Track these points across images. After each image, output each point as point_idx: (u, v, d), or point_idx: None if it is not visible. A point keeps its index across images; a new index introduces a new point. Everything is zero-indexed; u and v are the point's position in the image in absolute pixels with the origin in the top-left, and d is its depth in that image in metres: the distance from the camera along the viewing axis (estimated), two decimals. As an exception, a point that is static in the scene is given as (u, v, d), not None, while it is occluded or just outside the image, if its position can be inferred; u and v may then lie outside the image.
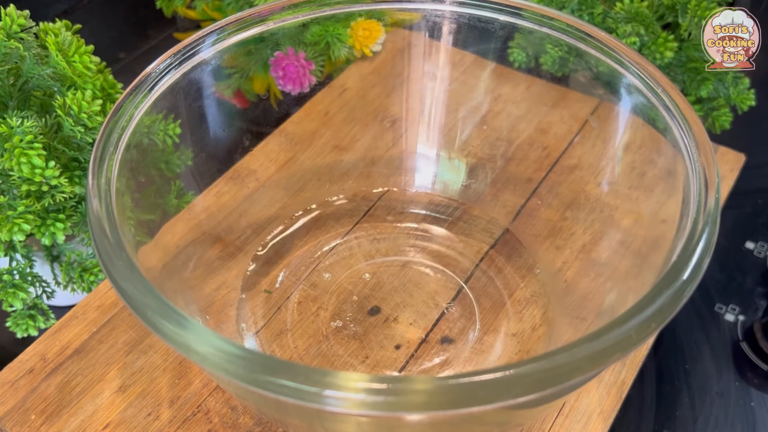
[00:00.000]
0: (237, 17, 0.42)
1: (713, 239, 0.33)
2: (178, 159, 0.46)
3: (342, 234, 0.50)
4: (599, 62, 0.42)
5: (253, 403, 0.38)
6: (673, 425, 0.48)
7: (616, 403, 0.42)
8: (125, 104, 0.38)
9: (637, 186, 0.44)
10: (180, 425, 0.41)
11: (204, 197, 0.48)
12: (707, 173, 0.35)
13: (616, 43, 0.41)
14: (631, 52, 0.41)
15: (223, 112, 0.46)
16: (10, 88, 0.46)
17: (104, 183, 0.35)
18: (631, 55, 0.41)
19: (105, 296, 0.46)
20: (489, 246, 0.50)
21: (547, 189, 0.50)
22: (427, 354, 0.44)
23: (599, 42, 0.42)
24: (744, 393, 0.49)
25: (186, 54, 0.41)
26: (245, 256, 0.48)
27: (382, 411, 0.27)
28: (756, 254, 0.57)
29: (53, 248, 0.50)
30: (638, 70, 0.40)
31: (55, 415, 0.41)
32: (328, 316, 0.46)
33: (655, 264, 0.36)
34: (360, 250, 0.49)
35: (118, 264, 0.32)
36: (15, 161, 0.42)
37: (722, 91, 0.59)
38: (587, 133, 0.49)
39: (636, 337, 0.29)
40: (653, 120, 0.40)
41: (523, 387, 0.27)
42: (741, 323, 0.53)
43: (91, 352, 0.44)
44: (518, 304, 0.46)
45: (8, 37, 0.44)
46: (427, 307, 0.46)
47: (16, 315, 0.47)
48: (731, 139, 0.58)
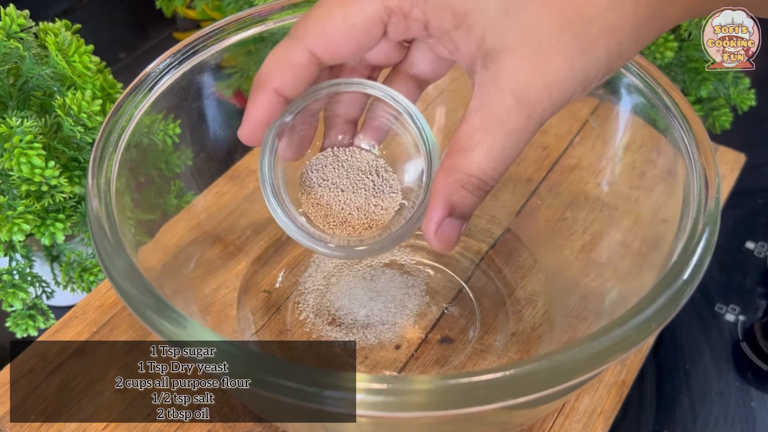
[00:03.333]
0: (237, 17, 0.42)
1: (713, 239, 0.33)
2: (178, 159, 0.46)
3: (342, 234, 0.50)
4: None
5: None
6: (673, 425, 0.48)
7: (616, 403, 0.42)
8: (125, 104, 0.38)
9: (637, 186, 0.44)
10: (180, 425, 0.41)
11: (204, 197, 0.48)
12: (707, 173, 0.35)
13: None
14: (631, 52, 0.41)
15: (223, 112, 0.46)
16: (10, 88, 0.46)
17: (104, 183, 0.35)
18: (631, 55, 0.41)
19: (105, 296, 0.46)
20: (489, 246, 0.50)
21: (547, 189, 0.50)
22: (427, 354, 0.44)
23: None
24: (744, 393, 0.49)
25: (186, 54, 0.41)
26: (245, 256, 0.48)
27: (382, 411, 0.27)
28: (756, 254, 0.57)
29: (53, 248, 0.50)
30: (638, 69, 0.40)
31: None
32: (328, 317, 0.46)
33: (655, 264, 0.36)
34: (360, 250, 0.49)
35: (118, 264, 0.32)
36: (15, 161, 0.42)
37: (722, 91, 0.59)
38: (587, 133, 0.49)
39: (636, 337, 0.29)
40: (653, 120, 0.40)
41: (523, 387, 0.27)
42: (741, 323, 0.53)
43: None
44: (518, 303, 0.46)
45: (8, 36, 0.44)
46: (427, 307, 0.46)
47: (15, 315, 0.47)
48: (731, 139, 0.58)
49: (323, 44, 0.29)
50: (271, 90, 0.31)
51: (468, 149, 0.28)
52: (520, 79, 0.27)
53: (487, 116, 0.27)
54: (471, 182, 0.28)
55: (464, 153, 0.28)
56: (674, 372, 0.50)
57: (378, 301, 0.46)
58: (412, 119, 0.34)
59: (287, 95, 0.31)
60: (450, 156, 0.29)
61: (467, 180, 0.28)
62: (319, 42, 0.29)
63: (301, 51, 0.30)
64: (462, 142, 0.28)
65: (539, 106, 0.27)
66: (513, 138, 0.28)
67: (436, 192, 0.29)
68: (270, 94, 0.31)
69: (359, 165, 0.37)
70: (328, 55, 0.30)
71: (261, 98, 0.31)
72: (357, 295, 0.46)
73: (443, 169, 0.29)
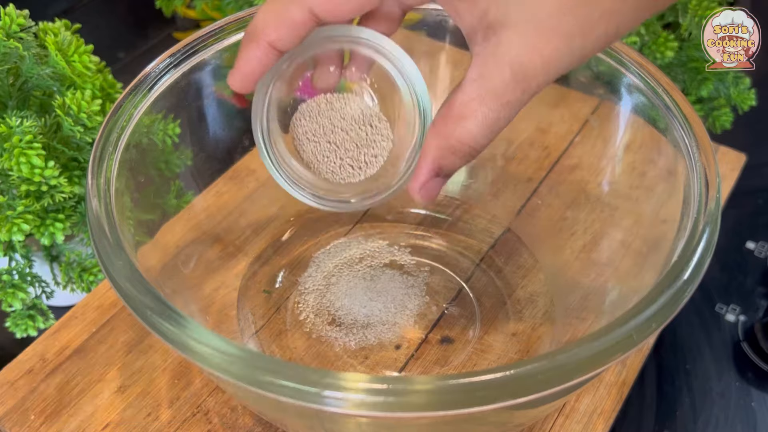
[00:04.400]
0: (237, 17, 0.42)
1: (714, 239, 0.33)
2: (178, 159, 0.46)
3: (342, 234, 0.50)
4: (600, 62, 0.42)
5: (253, 403, 0.38)
6: (673, 425, 0.48)
7: (616, 403, 0.42)
8: (125, 104, 0.38)
9: (637, 186, 0.44)
10: (179, 425, 0.41)
11: (204, 197, 0.48)
12: (708, 173, 0.35)
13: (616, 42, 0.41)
14: (631, 51, 0.41)
15: (223, 112, 0.46)
16: (10, 88, 0.46)
17: (103, 183, 0.35)
18: (631, 55, 0.41)
19: (104, 296, 0.46)
20: (489, 246, 0.50)
21: (547, 189, 0.50)
22: (427, 354, 0.44)
23: (599, 41, 0.42)
24: (744, 393, 0.49)
25: (185, 54, 0.41)
26: (245, 256, 0.48)
27: (382, 411, 0.27)
28: (756, 254, 0.57)
29: (52, 248, 0.50)
30: (639, 69, 0.40)
31: (54, 415, 0.41)
32: (328, 317, 0.46)
33: (655, 264, 0.36)
34: (360, 250, 0.49)
35: (118, 264, 0.32)
36: (14, 161, 0.41)
37: (723, 91, 0.59)
38: (588, 132, 0.49)
39: (637, 338, 0.29)
40: (654, 120, 0.40)
41: (523, 387, 0.27)
42: (742, 323, 0.53)
43: (91, 353, 0.44)
44: (518, 303, 0.46)
45: (8, 36, 0.44)
46: (427, 307, 0.46)
47: (15, 315, 0.47)
48: (732, 139, 0.58)
49: (324, 4, 0.30)
50: (266, 43, 0.31)
51: (462, 117, 0.29)
52: (519, 55, 0.28)
53: (485, 88, 0.29)
54: (462, 149, 0.30)
55: (458, 120, 0.29)
56: (675, 372, 0.50)
57: (378, 301, 0.46)
58: (407, 83, 0.35)
59: (281, 49, 0.32)
60: (443, 121, 0.30)
61: (458, 147, 0.30)
62: (320, 2, 0.30)
63: (300, 9, 0.30)
64: (457, 109, 0.29)
65: (535, 80, 0.28)
66: (507, 109, 0.29)
67: (427, 154, 0.31)
68: (264, 47, 0.31)
69: (353, 114, 0.37)
70: (329, 15, 0.30)
71: (254, 51, 0.31)
72: (357, 295, 0.46)
73: (436, 133, 0.30)
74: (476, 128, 0.29)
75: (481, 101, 0.29)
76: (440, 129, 0.30)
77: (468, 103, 0.29)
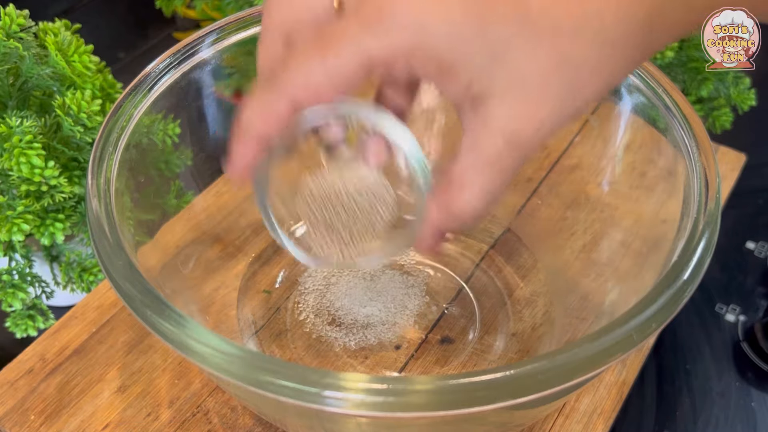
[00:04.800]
0: (237, 17, 0.42)
1: (714, 239, 0.33)
2: (178, 159, 0.46)
3: (342, 234, 0.50)
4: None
5: (253, 403, 0.38)
6: (673, 425, 0.48)
7: (616, 403, 0.42)
8: (125, 104, 0.38)
9: (637, 186, 0.44)
10: (179, 426, 0.41)
11: (203, 197, 0.48)
12: (708, 173, 0.35)
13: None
14: (631, 51, 0.41)
15: (223, 111, 0.46)
16: (10, 88, 0.46)
17: (103, 183, 0.35)
18: (631, 55, 0.41)
19: (104, 296, 0.46)
20: (489, 246, 0.50)
21: (547, 189, 0.50)
22: (427, 354, 0.44)
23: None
24: (744, 393, 0.49)
25: (185, 54, 0.41)
26: (245, 256, 0.48)
27: (382, 411, 0.27)
28: (756, 254, 0.57)
29: (52, 248, 0.50)
30: (638, 69, 0.40)
31: (54, 415, 0.41)
32: (328, 317, 0.46)
33: (655, 264, 0.36)
34: (360, 250, 0.49)
35: (118, 264, 0.32)
36: (14, 161, 0.41)
37: (723, 91, 0.59)
38: (588, 132, 0.49)
39: (637, 338, 0.29)
40: (654, 120, 0.40)
41: (523, 387, 0.27)
42: (741, 323, 0.53)
43: (91, 353, 0.44)
44: (518, 303, 0.46)
45: (8, 36, 0.44)
46: (427, 307, 0.46)
47: (15, 315, 0.47)
48: (732, 139, 0.58)
49: (306, 95, 0.30)
50: (256, 138, 0.31)
51: (461, 187, 0.29)
52: (510, 123, 0.28)
53: (479, 157, 0.29)
54: (462, 216, 0.30)
55: (457, 190, 0.29)
56: (675, 372, 0.50)
57: (378, 301, 0.46)
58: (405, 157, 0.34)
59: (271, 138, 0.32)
60: (444, 190, 0.30)
61: (459, 214, 0.30)
62: (302, 92, 0.29)
63: (285, 102, 0.30)
64: (455, 178, 0.29)
65: (529, 145, 0.28)
66: (504, 175, 0.29)
67: (430, 221, 0.31)
68: (255, 142, 0.31)
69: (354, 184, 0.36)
70: (312, 102, 0.30)
71: (246, 148, 0.31)
72: (357, 295, 0.46)
73: (437, 202, 0.30)
74: (474, 198, 0.29)
75: (477, 170, 0.29)
76: (440, 198, 0.30)
77: (465, 173, 0.29)
